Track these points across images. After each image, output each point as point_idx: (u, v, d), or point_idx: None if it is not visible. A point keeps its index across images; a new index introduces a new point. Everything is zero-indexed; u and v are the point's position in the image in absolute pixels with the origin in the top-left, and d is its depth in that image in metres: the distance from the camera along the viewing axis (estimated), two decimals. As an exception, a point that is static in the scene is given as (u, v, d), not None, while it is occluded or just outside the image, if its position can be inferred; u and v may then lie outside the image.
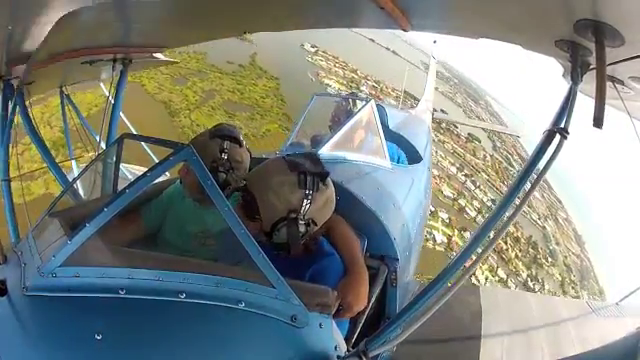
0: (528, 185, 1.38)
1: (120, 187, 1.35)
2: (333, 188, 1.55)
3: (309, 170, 1.45)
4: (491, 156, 38.02)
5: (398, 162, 3.45)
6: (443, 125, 33.18)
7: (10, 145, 2.87)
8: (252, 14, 2.45)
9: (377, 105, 3.32)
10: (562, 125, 1.33)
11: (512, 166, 37.96)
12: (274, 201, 1.44)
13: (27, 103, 2.76)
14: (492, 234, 1.34)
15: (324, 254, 1.55)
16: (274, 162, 1.53)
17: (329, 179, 1.52)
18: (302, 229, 1.44)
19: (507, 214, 1.36)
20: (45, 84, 3.69)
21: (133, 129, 5.60)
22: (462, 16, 1.82)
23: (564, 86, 1.51)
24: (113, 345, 1.09)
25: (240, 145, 1.92)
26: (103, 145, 3.65)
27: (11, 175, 2.95)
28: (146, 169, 1.27)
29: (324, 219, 1.51)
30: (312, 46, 37.03)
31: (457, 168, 33.15)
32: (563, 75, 1.68)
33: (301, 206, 1.42)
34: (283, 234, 1.44)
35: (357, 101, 3.12)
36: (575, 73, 1.44)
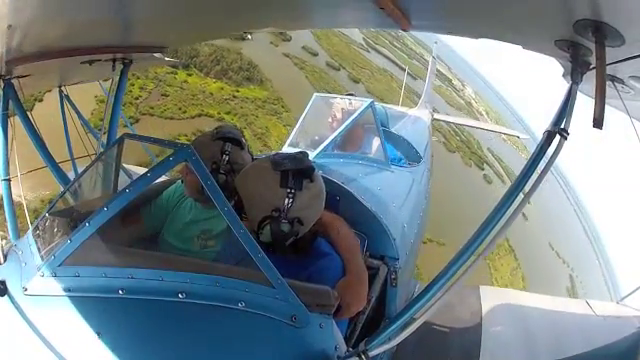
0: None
1: (120, 187, 1.35)
2: (322, 187, 1.52)
3: (292, 168, 1.44)
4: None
5: (398, 162, 3.45)
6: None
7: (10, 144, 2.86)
8: (252, 14, 2.45)
9: (377, 105, 3.32)
10: (562, 125, 1.33)
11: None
12: (257, 199, 1.44)
13: (25, 103, 2.75)
14: (492, 234, 1.34)
15: (323, 254, 1.55)
16: (259, 161, 1.53)
17: (316, 178, 1.49)
18: (286, 228, 1.43)
19: (507, 214, 1.36)
20: (44, 84, 3.69)
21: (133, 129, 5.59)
22: (462, 16, 1.81)
23: (564, 86, 1.51)
24: (113, 345, 1.09)
25: (242, 147, 1.92)
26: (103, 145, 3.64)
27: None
28: (146, 169, 1.28)
29: (312, 217, 1.49)
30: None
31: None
32: (563, 75, 1.68)
33: (284, 204, 1.42)
34: (268, 233, 1.43)
35: (357, 101, 3.11)
36: (575, 73, 1.44)
